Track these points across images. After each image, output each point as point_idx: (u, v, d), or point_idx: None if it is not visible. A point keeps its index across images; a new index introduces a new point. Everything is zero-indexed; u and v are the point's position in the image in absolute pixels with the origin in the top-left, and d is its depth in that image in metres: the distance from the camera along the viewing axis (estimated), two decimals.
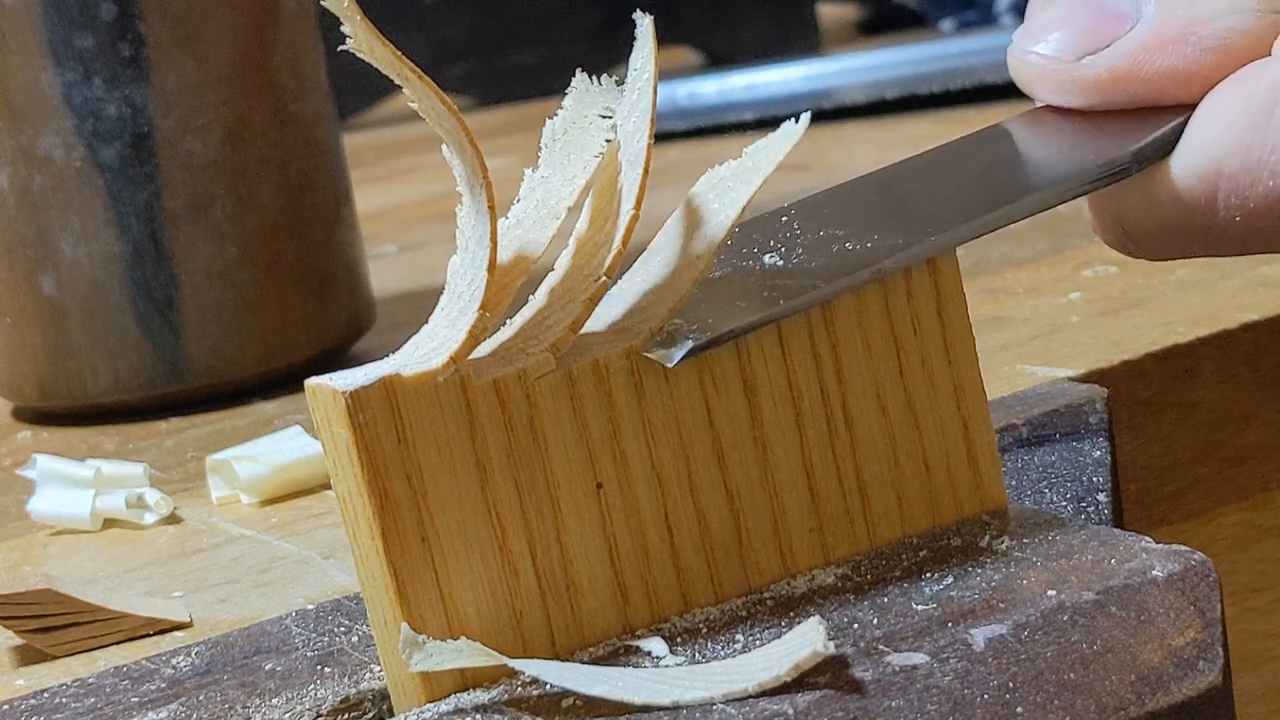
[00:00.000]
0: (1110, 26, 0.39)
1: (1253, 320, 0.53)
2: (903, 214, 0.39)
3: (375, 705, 0.37)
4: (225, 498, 0.52)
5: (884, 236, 0.38)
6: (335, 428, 0.34)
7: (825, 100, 1.00)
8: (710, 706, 0.33)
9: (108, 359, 0.60)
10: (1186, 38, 0.38)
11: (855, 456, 0.38)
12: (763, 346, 0.37)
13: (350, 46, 0.34)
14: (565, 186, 0.38)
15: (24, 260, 0.60)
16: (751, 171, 0.38)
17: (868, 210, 0.40)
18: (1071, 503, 0.43)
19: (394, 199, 0.99)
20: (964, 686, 0.34)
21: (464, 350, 0.35)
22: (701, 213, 0.38)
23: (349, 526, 0.35)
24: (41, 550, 0.50)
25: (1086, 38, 0.39)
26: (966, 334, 0.39)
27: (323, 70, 0.64)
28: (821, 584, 0.38)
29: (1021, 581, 0.36)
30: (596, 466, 0.36)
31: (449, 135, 0.35)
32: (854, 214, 0.39)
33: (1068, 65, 0.39)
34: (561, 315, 0.36)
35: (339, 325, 0.63)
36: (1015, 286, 0.61)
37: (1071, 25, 0.39)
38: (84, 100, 0.59)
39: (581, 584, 0.36)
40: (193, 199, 0.60)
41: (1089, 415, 0.46)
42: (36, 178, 0.60)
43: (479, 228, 0.35)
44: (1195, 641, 0.35)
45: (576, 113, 0.39)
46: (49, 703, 0.38)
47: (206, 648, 0.39)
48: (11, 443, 0.61)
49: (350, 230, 0.64)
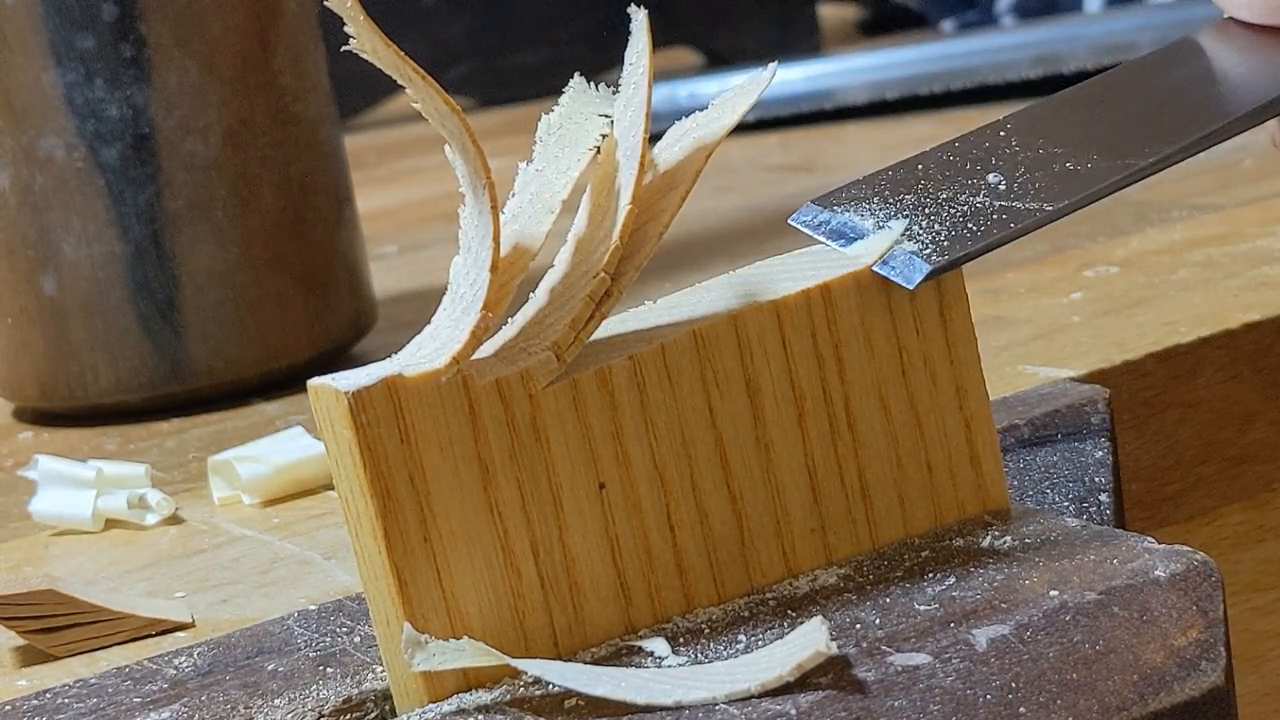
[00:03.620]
0: None
1: (1255, 320, 0.53)
2: (1117, 133, 0.39)
3: (378, 705, 0.37)
4: (227, 498, 0.52)
5: (1103, 156, 0.38)
6: (337, 428, 0.34)
7: (826, 101, 1.00)
8: (713, 707, 0.33)
9: (109, 359, 0.60)
10: None
11: (858, 457, 0.38)
12: (765, 346, 0.37)
13: (353, 47, 0.34)
14: (559, 179, 0.38)
15: (25, 261, 0.60)
16: (715, 120, 0.38)
17: (1083, 127, 0.40)
18: (1074, 503, 0.43)
19: (395, 199, 0.99)
20: (966, 687, 0.34)
21: (467, 350, 0.35)
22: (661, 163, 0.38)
23: (351, 526, 0.35)
24: (43, 551, 0.50)
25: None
26: (969, 334, 0.39)
27: (324, 71, 0.64)
28: (824, 584, 0.38)
29: (1024, 582, 0.36)
30: (599, 466, 0.36)
31: (452, 136, 0.35)
32: (1070, 131, 0.39)
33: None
34: (561, 313, 0.36)
35: (340, 326, 0.63)
36: (1017, 287, 0.61)
37: None
38: (85, 101, 0.59)
39: (584, 584, 0.36)
40: (194, 200, 0.60)
41: (1091, 415, 0.46)
42: (38, 178, 0.59)
43: (481, 228, 0.35)
44: (1198, 642, 0.35)
45: (572, 109, 0.39)
46: (51, 703, 0.38)
47: (208, 648, 0.39)
48: (13, 443, 0.61)
49: (352, 231, 0.64)
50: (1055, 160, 0.38)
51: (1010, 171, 0.38)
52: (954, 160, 0.39)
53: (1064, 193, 0.37)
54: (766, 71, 0.38)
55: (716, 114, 0.38)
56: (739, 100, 0.38)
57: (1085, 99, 0.40)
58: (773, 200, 0.82)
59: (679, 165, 0.37)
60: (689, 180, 0.37)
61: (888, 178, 0.39)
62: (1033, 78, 0.94)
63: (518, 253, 0.37)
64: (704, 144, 0.38)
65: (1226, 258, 0.59)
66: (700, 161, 0.37)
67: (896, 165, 0.40)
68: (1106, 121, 0.40)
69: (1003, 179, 0.38)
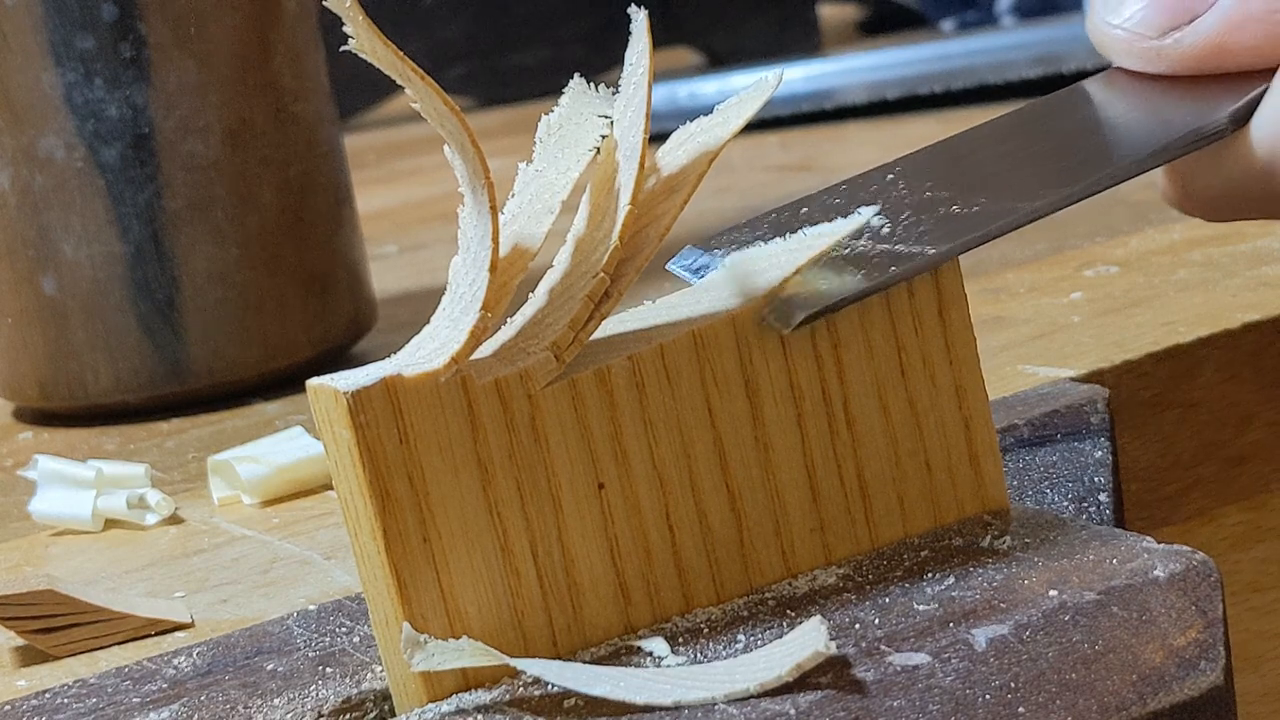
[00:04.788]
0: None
1: (1254, 320, 0.53)
2: (1004, 178, 0.39)
3: (377, 705, 0.37)
4: (226, 498, 0.52)
5: (989, 201, 0.38)
6: (337, 428, 0.34)
7: (826, 100, 1.00)
8: (712, 706, 0.33)
9: (109, 360, 0.60)
10: (1270, 15, 0.38)
11: (857, 456, 0.38)
12: (764, 346, 0.37)
13: (353, 47, 0.34)
14: (559, 180, 0.38)
15: (25, 261, 0.60)
16: (719, 126, 0.38)
17: (971, 171, 0.40)
18: (1073, 503, 0.43)
19: (395, 199, 0.99)
20: (966, 686, 0.34)
21: (466, 350, 0.35)
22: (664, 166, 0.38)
23: (350, 526, 0.35)
24: (43, 551, 0.50)
25: (1169, 13, 0.39)
26: (968, 334, 0.39)
27: (324, 71, 0.64)
28: (823, 584, 0.38)
29: (1023, 582, 0.36)
30: (598, 466, 0.36)
31: (451, 136, 0.35)
32: (959, 175, 0.39)
33: (1152, 41, 0.39)
34: (560, 313, 0.36)
35: (340, 326, 0.63)
36: (1016, 286, 0.61)
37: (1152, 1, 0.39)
38: (85, 101, 0.59)
39: (583, 584, 0.36)
40: (194, 200, 0.60)
41: (1090, 415, 0.46)
42: (37, 178, 0.60)
43: (480, 228, 0.35)
44: (1197, 641, 0.35)
45: (572, 110, 0.39)
46: (51, 703, 0.38)
47: (208, 648, 0.39)
48: (13, 443, 0.61)
49: (351, 231, 0.64)
50: (941, 204, 0.38)
51: (895, 215, 0.38)
52: (838, 204, 0.39)
53: (946, 236, 0.37)
54: (771, 78, 0.38)
55: (721, 119, 0.38)
56: (744, 106, 0.38)
57: (974, 144, 0.41)
58: (773, 200, 0.82)
59: (681, 169, 0.38)
60: (691, 184, 0.37)
61: (770, 221, 0.39)
62: (1032, 78, 0.94)
63: (517, 253, 0.37)
64: (707, 149, 0.38)
65: (1226, 258, 0.59)
66: (703, 166, 0.37)
67: (780, 208, 0.40)
68: (994, 166, 0.40)
69: (886, 222, 0.38)
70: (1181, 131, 0.39)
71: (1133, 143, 0.39)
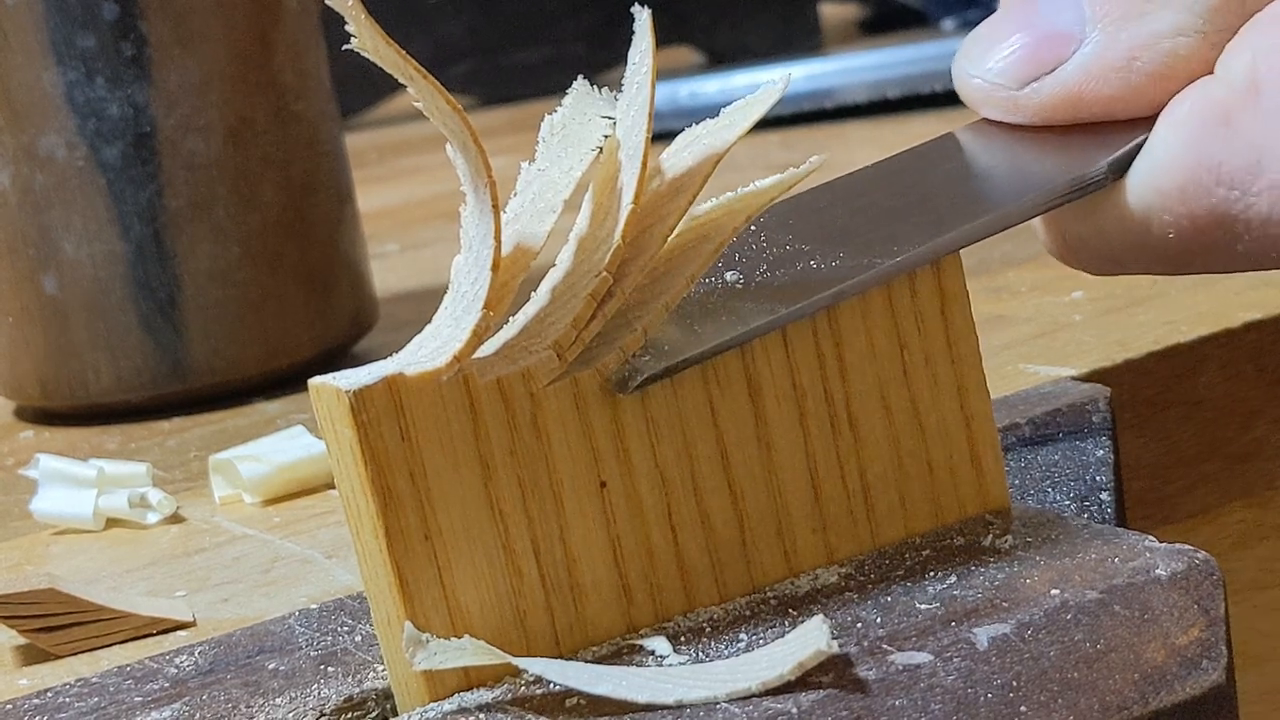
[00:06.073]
0: (1053, 49, 0.38)
1: (1256, 319, 0.53)
2: (866, 231, 0.38)
3: (379, 704, 0.37)
4: (228, 497, 0.52)
5: (848, 256, 0.37)
6: (339, 427, 0.34)
7: (827, 100, 1.00)
8: (714, 706, 0.33)
9: (110, 358, 0.60)
10: (1130, 64, 0.37)
11: (859, 456, 0.38)
12: (766, 346, 0.37)
13: (355, 45, 0.34)
14: (562, 179, 0.38)
15: (26, 260, 0.60)
16: (726, 128, 0.38)
17: (834, 224, 0.39)
18: (1075, 502, 0.43)
19: (397, 198, 0.99)
20: (967, 686, 0.34)
21: (468, 349, 0.35)
22: (669, 168, 0.38)
23: (352, 525, 0.35)
24: (44, 550, 0.50)
25: (1029, 64, 0.38)
26: (970, 333, 0.39)
27: (325, 69, 0.64)
28: (825, 583, 0.38)
29: (1025, 581, 0.36)
30: (600, 465, 0.36)
31: (453, 134, 0.35)
32: (821, 228, 0.38)
33: (1012, 92, 0.39)
34: (563, 312, 0.36)
35: (341, 324, 0.63)
36: (1018, 285, 0.61)
37: (1014, 51, 0.39)
38: (86, 100, 0.59)
39: (585, 583, 0.36)
40: (195, 198, 0.60)
41: (1092, 414, 0.46)
42: (38, 177, 0.60)
43: (483, 227, 0.35)
44: (1199, 640, 0.35)
45: (575, 110, 0.39)
46: (52, 702, 0.38)
47: (209, 647, 0.39)
48: (14, 442, 0.61)
49: (353, 229, 0.64)
50: (800, 258, 0.37)
51: (750, 270, 0.37)
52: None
53: (799, 294, 0.36)
54: (779, 81, 0.38)
55: (727, 122, 0.38)
56: (750, 109, 0.38)
57: (840, 196, 0.39)
58: None
59: (687, 171, 0.37)
60: (696, 186, 0.37)
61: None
62: None
63: (519, 251, 0.37)
64: (713, 151, 0.38)
65: None
66: (708, 168, 0.37)
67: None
68: (859, 219, 0.38)
69: (741, 277, 0.37)
70: (1059, 181, 0.37)
71: (1006, 192, 0.38)
